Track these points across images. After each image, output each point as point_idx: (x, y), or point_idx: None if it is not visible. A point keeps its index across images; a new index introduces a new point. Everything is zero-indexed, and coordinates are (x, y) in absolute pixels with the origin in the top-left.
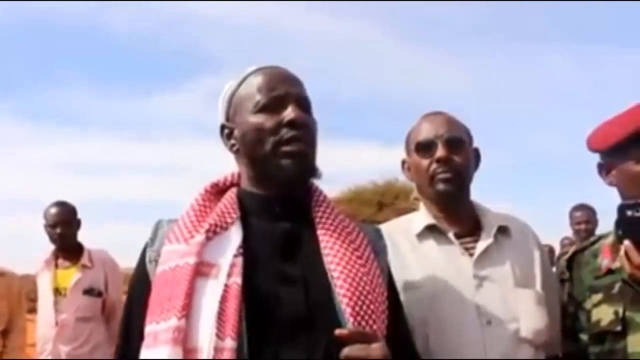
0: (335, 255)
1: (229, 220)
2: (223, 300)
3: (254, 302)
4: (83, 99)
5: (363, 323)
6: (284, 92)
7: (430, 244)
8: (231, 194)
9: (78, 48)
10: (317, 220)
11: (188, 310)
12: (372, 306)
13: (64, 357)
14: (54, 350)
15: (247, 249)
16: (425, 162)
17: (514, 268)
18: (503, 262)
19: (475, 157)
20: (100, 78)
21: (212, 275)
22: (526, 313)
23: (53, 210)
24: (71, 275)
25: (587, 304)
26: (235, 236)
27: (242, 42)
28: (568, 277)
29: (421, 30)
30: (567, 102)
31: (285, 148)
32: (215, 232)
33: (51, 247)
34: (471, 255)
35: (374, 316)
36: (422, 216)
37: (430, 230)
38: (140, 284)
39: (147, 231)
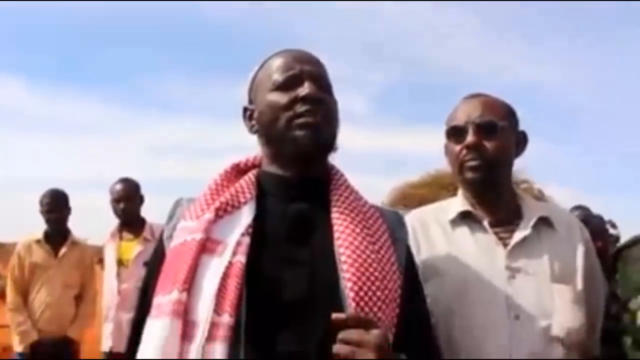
0: (345, 239)
1: (242, 199)
2: (225, 277)
3: (256, 282)
4: (181, 85)
5: (366, 309)
6: (299, 70)
7: (464, 231)
8: (250, 175)
9: (178, 35)
10: (333, 202)
11: (190, 284)
12: (378, 293)
13: (124, 325)
14: (115, 318)
15: (257, 229)
16: (456, 148)
17: (553, 262)
18: (540, 254)
19: (521, 141)
20: (197, 65)
21: (218, 253)
22: (560, 310)
23: (117, 187)
24: (133, 248)
25: (633, 305)
26: (246, 215)
27: (336, 25)
28: (613, 274)
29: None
30: None
31: (299, 121)
32: (226, 210)
33: (116, 221)
34: (506, 245)
35: (379, 303)
36: (458, 202)
37: (465, 218)
38: (156, 258)
39: None
